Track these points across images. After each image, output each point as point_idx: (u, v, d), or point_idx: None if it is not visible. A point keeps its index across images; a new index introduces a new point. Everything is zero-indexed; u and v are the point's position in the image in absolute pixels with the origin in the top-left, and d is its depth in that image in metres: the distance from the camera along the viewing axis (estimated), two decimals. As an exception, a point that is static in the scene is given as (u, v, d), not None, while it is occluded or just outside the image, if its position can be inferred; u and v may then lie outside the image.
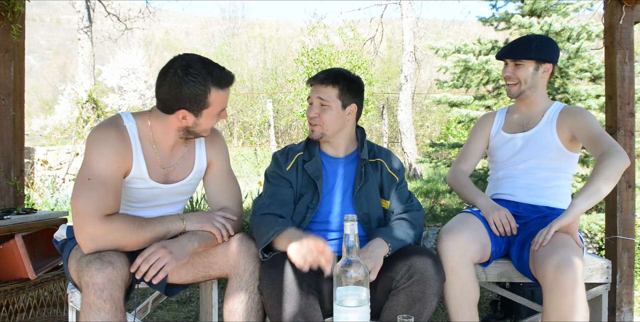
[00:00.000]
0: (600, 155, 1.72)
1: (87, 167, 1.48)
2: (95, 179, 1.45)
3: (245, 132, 12.73)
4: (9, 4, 2.65)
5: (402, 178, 1.92)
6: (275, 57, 17.64)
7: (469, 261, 1.71)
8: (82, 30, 9.75)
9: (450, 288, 1.70)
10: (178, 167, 1.69)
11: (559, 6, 4.72)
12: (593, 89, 4.53)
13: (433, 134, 14.04)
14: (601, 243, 3.61)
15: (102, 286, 1.36)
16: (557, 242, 1.64)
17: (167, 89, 1.50)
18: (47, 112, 17.83)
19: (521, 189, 1.99)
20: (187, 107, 1.51)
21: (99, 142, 1.50)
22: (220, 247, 1.64)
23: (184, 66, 1.49)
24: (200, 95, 1.50)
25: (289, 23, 33.75)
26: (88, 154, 1.50)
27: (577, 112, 1.95)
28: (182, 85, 1.47)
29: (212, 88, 1.50)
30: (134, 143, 1.57)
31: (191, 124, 1.57)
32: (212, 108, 1.55)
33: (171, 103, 1.52)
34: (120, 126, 1.56)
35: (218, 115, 1.60)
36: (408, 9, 10.79)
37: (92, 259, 1.41)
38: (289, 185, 1.84)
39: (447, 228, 1.81)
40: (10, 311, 2.42)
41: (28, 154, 8.19)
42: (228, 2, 40.96)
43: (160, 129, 1.60)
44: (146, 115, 1.63)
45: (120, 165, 1.51)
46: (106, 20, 10.31)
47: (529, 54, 1.98)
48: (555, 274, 1.53)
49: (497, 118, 2.17)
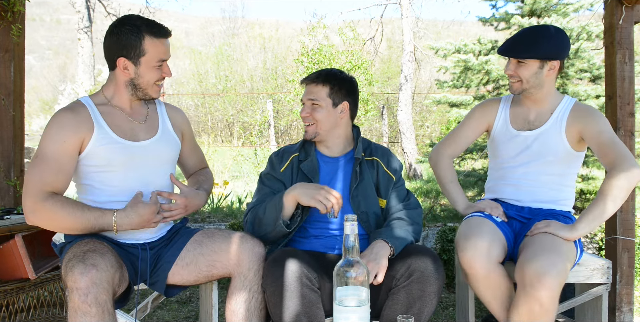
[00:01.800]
0: (611, 170, 1.65)
1: (39, 146, 1.60)
2: (39, 157, 1.56)
3: (245, 132, 12.72)
4: (9, 4, 2.65)
5: (399, 177, 1.92)
6: (275, 57, 17.63)
7: (495, 264, 1.67)
8: (82, 30, 9.75)
9: (488, 291, 1.68)
10: (144, 125, 1.75)
11: (559, 6, 4.72)
12: (593, 89, 4.53)
13: (433, 134, 14.03)
14: (601, 243, 3.60)
15: (86, 290, 1.35)
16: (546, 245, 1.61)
17: (107, 41, 1.66)
18: (47, 112, 17.84)
19: (525, 194, 1.93)
20: (124, 54, 1.63)
21: (49, 124, 1.60)
22: (224, 246, 1.64)
23: (120, 20, 1.67)
24: (134, 41, 1.61)
25: (289, 23, 33.73)
26: (42, 136, 1.60)
27: (589, 114, 1.83)
28: (119, 34, 1.62)
29: (145, 35, 1.62)
30: (92, 112, 1.65)
31: (133, 74, 1.66)
32: (148, 56, 1.63)
33: (112, 53, 1.65)
34: (74, 104, 1.67)
35: (159, 69, 1.67)
36: (408, 9, 10.78)
37: (75, 262, 1.39)
38: (282, 187, 1.85)
39: (464, 235, 1.73)
40: (10, 311, 2.42)
41: (28, 154, 8.18)
42: (228, 2, 40.94)
43: (112, 91, 1.71)
44: (100, 90, 1.75)
45: (67, 140, 1.57)
46: (106, 20, 10.31)
47: (533, 52, 1.80)
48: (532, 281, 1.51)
49: (502, 107, 2.01)
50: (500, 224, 1.86)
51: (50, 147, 1.56)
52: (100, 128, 1.63)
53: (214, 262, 1.65)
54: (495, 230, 1.79)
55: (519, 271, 1.58)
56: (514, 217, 1.94)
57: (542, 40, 1.80)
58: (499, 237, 1.76)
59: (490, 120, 2.03)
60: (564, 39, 1.83)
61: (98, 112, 1.66)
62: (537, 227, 1.71)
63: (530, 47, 1.80)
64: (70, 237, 1.64)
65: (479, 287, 1.70)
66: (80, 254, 1.43)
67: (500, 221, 1.87)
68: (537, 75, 1.84)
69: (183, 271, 1.66)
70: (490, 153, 2.10)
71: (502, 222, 1.88)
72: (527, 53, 1.81)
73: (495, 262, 1.68)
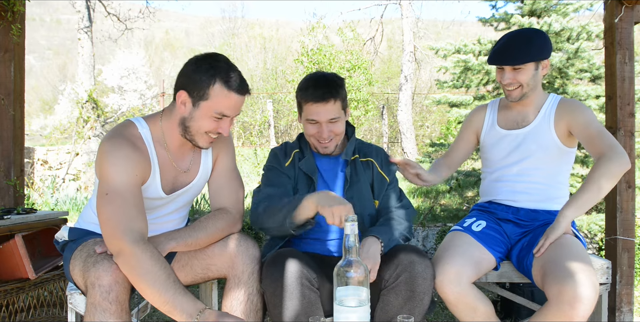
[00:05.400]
0: (599, 158, 1.66)
1: (103, 181, 1.44)
2: (112, 194, 1.41)
3: (245, 132, 12.71)
4: (8, 4, 2.65)
5: (392, 178, 1.91)
6: (275, 57, 17.64)
7: (467, 286, 1.66)
8: (82, 30, 9.74)
9: (462, 314, 1.68)
10: (185, 174, 1.65)
11: (559, 6, 4.72)
12: (593, 90, 4.53)
13: (433, 134, 14.03)
14: (601, 243, 3.60)
15: (108, 288, 1.35)
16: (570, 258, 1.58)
17: (182, 70, 1.53)
18: (47, 112, 17.83)
19: (521, 194, 1.92)
20: (188, 89, 1.50)
21: (111, 153, 1.45)
22: (219, 248, 1.63)
23: (207, 54, 1.53)
24: (204, 82, 1.47)
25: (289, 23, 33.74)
26: (102, 166, 1.44)
27: (575, 107, 1.84)
28: (195, 68, 1.49)
29: (218, 82, 1.47)
30: (150, 150, 1.55)
31: (187, 114, 1.52)
32: (210, 103, 1.48)
33: (178, 83, 1.53)
34: (133, 135, 1.53)
35: (216, 121, 1.52)
36: (408, 9, 10.79)
37: (99, 259, 1.40)
38: (287, 178, 1.84)
39: (436, 257, 1.75)
40: (10, 311, 2.42)
41: (28, 154, 8.18)
42: (228, 2, 40.94)
43: (168, 126, 1.58)
44: (158, 116, 1.61)
45: (138, 173, 1.47)
46: (106, 20, 10.31)
47: (529, 56, 1.79)
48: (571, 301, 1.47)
49: (489, 111, 2.04)
50: (482, 233, 1.85)
51: (124, 182, 1.42)
52: (153, 178, 1.55)
53: (209, 265, 1.64)
54: (469, 248, 1.77)
55: (553, 290, 1.53)
56: (511, 219, 1.93)
57: (532, 42, 1.81)
58: (472, 254, 1.75)
59: (478, 126, 2.05)
60: (547, 37, 1.85)
61: (155, 155, 1.56)
62: (539, 246, 1.69)
63: (524, 51, 1.80)
64: (75, 236, 1.64)
65: (454, 310, 1.70)
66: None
67: (481, 231, 1.86)
68: (534, 77, 1.85)
69: (179, 273, 1.65)
70: (482, 159, 2.10)
71: (486, 229, 1.87)
72: (524, 58, 1.80)
73: (467, 286, 1.66)
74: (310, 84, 1.76)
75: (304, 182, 1.84)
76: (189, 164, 1.65)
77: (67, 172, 8.37)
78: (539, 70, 1.85)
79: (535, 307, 2.04)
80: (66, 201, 6.32)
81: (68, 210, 5.86)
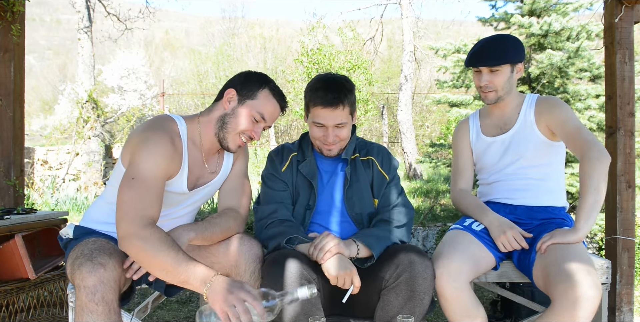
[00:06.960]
0: (581, 159, 1.68)
1: (134, 165, 1.49)
2: (138, 180, 1.46)
3: (245, 132, 12.71)
4: (8, 4, 2.65)
5: (392, 177, 1.89)
6: (275, 57, 17.65)
7: (465, 285, 1.66)
8: (82, 30, 9.73)
9: (454, 314, 1.67)
10: (210, 175, 1.74)
11: (559, 6, 4.72)
12: (593, 89, 4.53)
13: (433, 134, 14.04)
14: (601, 243, 3.61)
15: (93, 289, 1.35)
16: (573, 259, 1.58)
17: (235, 76, 1.71)
18: (47, 112, 17.84)
19: (517, 191, 1.94)
20: (238, 88, 1.66)
21: (151, 142, 1.51)
22: (222, 247, 1.64)
23: (259, 72, 1.73)
24: (255, 85, 1.66)
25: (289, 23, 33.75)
26: (137, 152, 1.50)
27: (551, 105, 1.88)
28: (248, 75, 1.69)
29: (267, 88, 1.67)
30: (184, 147, 1.63)
31: (230, 110, 1.65)
32: (255, 103, 1.64)
33: (228, 84, 1.69)
34: (173, 130, 1.62)
35: (253, 122, 1.65)
36: (408, 9, 10.79)
37: (83, 261, 1.39)
38: (285, 186, 1.84)
39: (437, 254, 1.76)
40: (10, 311, 2.42)
41: (28, 154, 8.19)
42: (228, 2, 40.90)
43: (205, 126, 1.69)
44: (196, 117, 1.71)
45: (169, 168, 1.54)
46: (106, 20, 10.29)
47: (505, 58, 1.85)
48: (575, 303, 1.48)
49: (472, 123, 2.09)
50: (483, 233, 1.85)
51: (153, 171, 1.48)
52: (181, 175, 1.62)
53: (212, 263, 1.64)
54: (470, 245, 1.78)
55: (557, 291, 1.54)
56: (509, 218, 1.92)
57: (507, 45, 1.88)
58: (473, 252, 1.75)
59: (466, 139, 2.10)
60: (520, 42, 1.92)
61: (187, 152, 1.64)
62: (543, 240, 1.70)
63: (501, 54, 1.86)
64: (77, 234, 1.64)
65: (448, 308, 1.68)
66: (88, 252, 1.42)
67: (481, 230, 1.86)
68: (509, 80, 1.90)
69: None
70: (477, 167, 2.11)
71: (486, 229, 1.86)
72: (501, 60, 1.86)
73: (465, 283, 1.67)
74: (320, 86, 1.74)
75: (304, 185, 1.84)
76: (215, 165, 1.76)
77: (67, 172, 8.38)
78: (514, 74, 1.92)
79: (535, 307, 2.04)
80: (66, 201, 6.32)
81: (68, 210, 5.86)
